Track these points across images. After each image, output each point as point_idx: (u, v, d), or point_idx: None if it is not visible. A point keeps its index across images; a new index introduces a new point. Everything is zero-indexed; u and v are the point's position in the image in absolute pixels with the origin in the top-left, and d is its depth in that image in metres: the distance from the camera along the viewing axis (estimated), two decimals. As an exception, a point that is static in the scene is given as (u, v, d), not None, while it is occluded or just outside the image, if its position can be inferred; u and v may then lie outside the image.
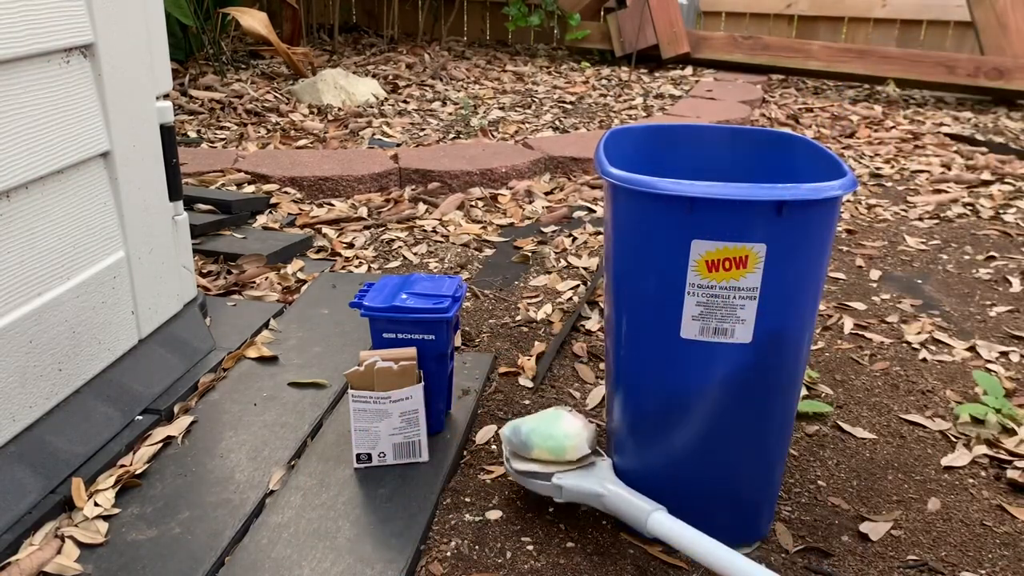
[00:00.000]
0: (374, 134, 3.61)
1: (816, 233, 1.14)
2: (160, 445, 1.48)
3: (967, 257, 2.53)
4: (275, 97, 4.06)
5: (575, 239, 2.58)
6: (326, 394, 1.66)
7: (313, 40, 5.66)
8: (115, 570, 1.21)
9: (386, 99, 4.20)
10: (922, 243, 2.63)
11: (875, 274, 2.39)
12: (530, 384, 1.77)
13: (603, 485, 1.28)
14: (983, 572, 1.29)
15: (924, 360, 1.92)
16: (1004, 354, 1.95)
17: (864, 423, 1.68)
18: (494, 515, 1.38)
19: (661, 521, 1.20)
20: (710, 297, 1.16)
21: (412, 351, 1.43)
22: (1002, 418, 1.67)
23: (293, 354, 1.80)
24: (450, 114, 3.99)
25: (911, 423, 1.68)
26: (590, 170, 3.20)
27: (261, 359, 1.78)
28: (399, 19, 5.89)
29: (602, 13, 5.35)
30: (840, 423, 1.67)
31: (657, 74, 5.03)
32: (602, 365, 1.87)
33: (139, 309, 1.63)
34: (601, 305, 2.15)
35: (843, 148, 3.71)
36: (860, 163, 3.51)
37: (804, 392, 1.77)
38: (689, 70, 5.10)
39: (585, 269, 2.37)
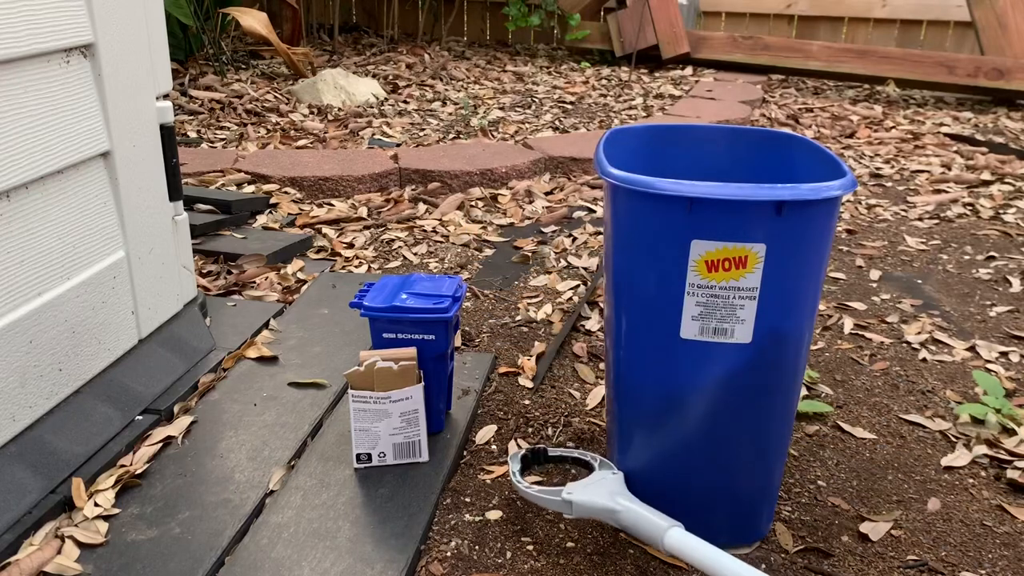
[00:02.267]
0: (374, 134, 3.61)
1: (816, 233, 1.14)
2: (160, 445, 1.48)
3: (967, 257, 2.53)
4: (275, 97, 4.06)
5: (575, 239, 2.58)
6: (326, 394, 1.66)
7: (313, 40, 5.66)
8: (115, 570, 1.21)
9: (386, 99, 4.20)
10: (922, 243, 2.63)
11: (875, 274, 2.39)
12: (530, 384, 1.77)
13: (616, 500, 1.24)
14: (983, 572, 1.29)
15: (924, 360, 1.92)
16: (1004, 354, 1.95)
17: (864, 423, 1.68)
18: (494, 515, 1.38)
19: (678, 538, 1.17)
20: (710, 297, 1.16)
21: (412, 351, 1.43)
22: (1002, 418, 1.67)
23: (293, 354, 1.80)
24: (450, 114, 3.99)
25: (911, 423, 1.68)
26: (590, 170, 3.20)
27: (261, 359, 1.78)
28: (399, 19, 5.89)
29: (602, 13, 5.35)
30: (840, 423, 1.67)
31: (657, 74, 5.03)
32: (602, 365, 1.87)
33: (139, 309, 1.63)
34: (601, 305, 2.15)
35: (843, 148, 3.71)
36: (860, 163, 3.51)
37: (804, 392, 1.77)
38: (689, 70, 5.10)
39: (585, 269, 2.37)
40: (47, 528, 1.28)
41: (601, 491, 1.27)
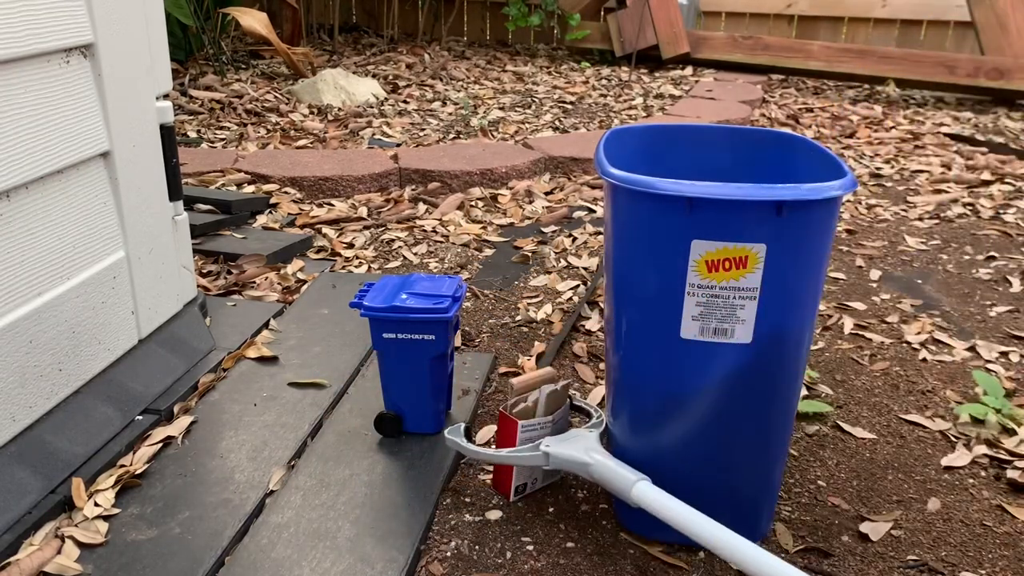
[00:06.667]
0: (374, 134, 3.61)
1: (816, 233, 1.14)
2: (160, 445, 1.48)
3: (967, 257, 2.53)
4: (275, 97, 4.06)
5: (575, 239, 2.58)
6: (326, 394, 1.66)
7: (313, 40, 5.66)
8: (115, 570, 1.21)
9: (386, 99, 4.20)
10: (922, 243, 2.63)
11: (875, 274, 2.39)
12: (530, 384, 1.77)
13: (589, 454, 1.29)
14: (983, 572, 1.29)
15: (924, 360, 1.92)
16: (1004, 354, 1.95)
17: (864, 423, 1.68)
18: (494, 515, 1.38)
19: (645, 491, 1.21)
20: (710, 297, 1.16)
21: (548, 371, 1.47)
22: (1002, 418, 1.67)
23: (293, 354, 1.80)
24: (450, 114, 3.99)
25: (911, 423, 1.68)
26: (590, 170, 3.20)
27: (261, 359, 1.78)
28: (399, 19, 5.89)
29: (602, 13, 5.35)
30: (840, 423, 1.67)
31: (657, 74, 5.03)
32: (602, 365, 1.87)
33: (139, 309, 1.63)
34: (601, 305, 2.15)
35: (843, 148, 3.71)
36: (860, 163, 3.51)
37: (804, 392, 1.77)
38: (689, 70, 5.10)
39: (585, 269, 2.37)
40: (47, 528, 1.28)
41: (576, 446, 1.32)
